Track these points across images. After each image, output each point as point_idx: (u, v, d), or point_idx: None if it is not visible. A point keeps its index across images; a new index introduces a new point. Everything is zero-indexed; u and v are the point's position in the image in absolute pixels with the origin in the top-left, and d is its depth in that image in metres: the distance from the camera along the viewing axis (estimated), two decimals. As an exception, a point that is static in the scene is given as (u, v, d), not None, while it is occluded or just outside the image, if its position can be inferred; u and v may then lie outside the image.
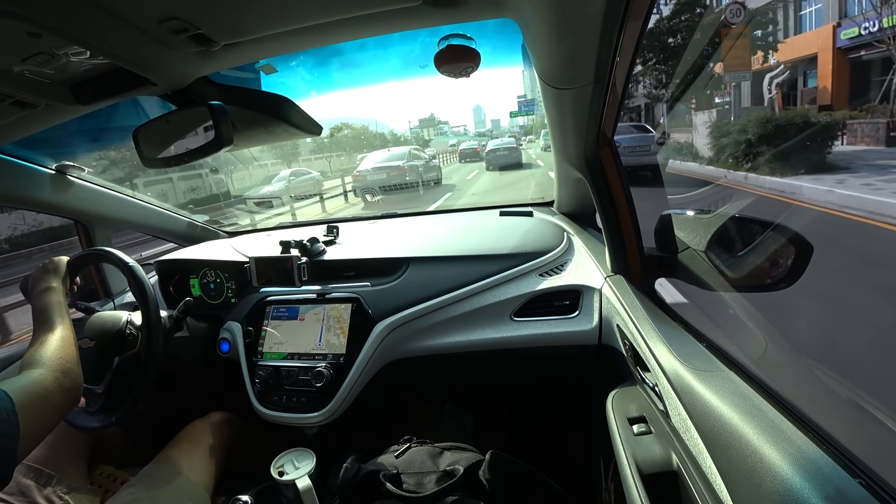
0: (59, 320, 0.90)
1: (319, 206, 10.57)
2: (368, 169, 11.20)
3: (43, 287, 0.97)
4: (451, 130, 65.55)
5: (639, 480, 0.70)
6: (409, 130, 52.73)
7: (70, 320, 0.93)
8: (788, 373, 1.02)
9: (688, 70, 14.76)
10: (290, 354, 1.20)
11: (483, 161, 16.77)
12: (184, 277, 1.49)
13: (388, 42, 0.95)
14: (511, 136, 25.17)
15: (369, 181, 10.82)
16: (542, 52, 0.75)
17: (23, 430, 0.67)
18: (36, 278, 1.00)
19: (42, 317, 0.90)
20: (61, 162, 1.33)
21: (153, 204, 1.66)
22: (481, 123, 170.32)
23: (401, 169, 11.03)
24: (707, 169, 9.49)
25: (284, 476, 0.96)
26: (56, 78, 0.78)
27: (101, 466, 1.21)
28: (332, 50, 0.93)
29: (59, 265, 1.04)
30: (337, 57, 1.58)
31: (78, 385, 0.82)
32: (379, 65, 1.83)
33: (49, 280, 0.99)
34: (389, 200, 10.65)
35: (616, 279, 1.09)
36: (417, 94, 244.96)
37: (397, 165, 11.10)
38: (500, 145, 16.57)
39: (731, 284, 0.86)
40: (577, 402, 1.42)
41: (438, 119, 64.28)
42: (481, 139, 30.42)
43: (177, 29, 0.66)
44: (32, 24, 0.57)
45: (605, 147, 1.01)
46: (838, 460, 0.47)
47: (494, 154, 15.74)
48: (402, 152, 12.22)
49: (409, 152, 12.32)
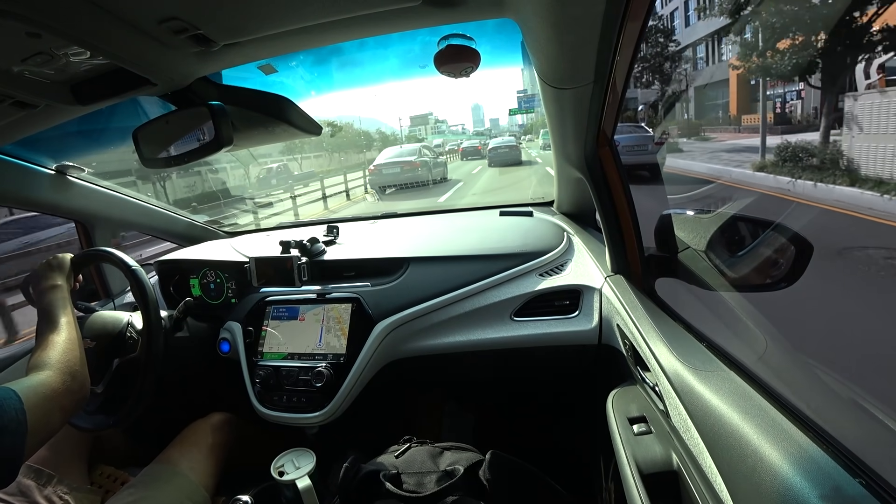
0: (64, 320, 0.90)
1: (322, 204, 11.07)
2: (384, 163, 12.28)
3: (48, 284, 0.97)
4: (448, 129, 65.46)
5: (639, 480, 0.70)
6: (405, 129, 52.73)
7: (75, 320, 0.93)
8: (788, 372, 1.02)
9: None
10: (290, 354, 1.20)
11: (483, 158, 17.66)
12: (184, 277, 1.49)
13: (389, 42, 0.96)
14: (511, 135, 26.08)
15: (385, 174, 12.02)
16: (542, 52, 0.75)
17: (30, 430, 0.67)
18: (39, 275, 1.00)
19: (48, 316, 0.90)
20: (61, 162, 1.33)
21: (153, 204, 1.66)
22: (480, 122, 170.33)
23: (413, 164, 12.03)
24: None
25: (285, 476, 0.96)
26: (56, 78, 0.78)
27: (102, 467, 1.21)
28: (332, 50, 0.93)
29: (63, 262, 1.04)
30: (337, 57, 1.58)
31: (85, 388, 0.83)
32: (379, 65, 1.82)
33: (54, 277, 0.99)
34: (403, 191, 11.71)
35: (616, 279, 1.09)
36: (417, 92, 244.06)
37: (410, 160, 12.13)
38: (502, 143, 17.39)
39: (731, 284, 0.86)
40: (577, 401, 1.42)
41: (436, 118, 64.17)
42: (480, 138, 30.98)
43: (176, 29, 0.66)
44: (32, 24, 0.57)
45: (605, 147, 1.01)
46: (838, 459, 0.47)
47: (496, 152, 16.53)
48: (414, 148, 13.33)
49: (419, 149, 13.34)
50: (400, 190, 11.71)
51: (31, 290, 0.99)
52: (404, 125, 57.71)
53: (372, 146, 31.62)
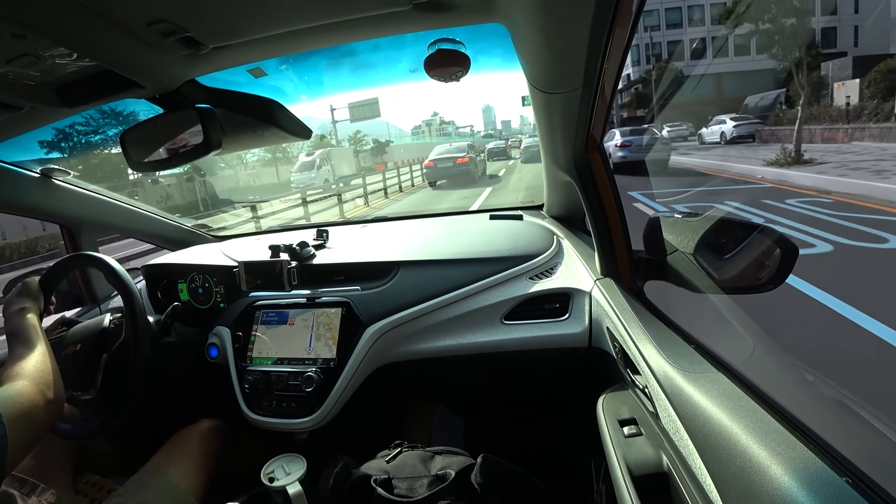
0: (35, 337, 0.91)
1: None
2: (438, 158, 14.43)
3: (16, 309, 0.98)
4: (456, 131, 65.66)
5: (630, 482, 0.70)
6: (412, 130, 53.80)
7: (46, 337, 0.94)
8: (776, 374, 1.03)
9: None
10: (279, 359, 1.19)
11: (510, 159, 22.42)
12: (172, 282, 1.47)
13: (382, 45, 0.96)
14: (531, 136, 29.62)
15: (439, 168, 14.22)
16: (532, 57, 0.75)
17: (10, 441, 0.66)
18: (9, 302, 1.01)
19: (17, 336, 0.91)
20: (46, 165, 1.31)
21: (140, 208, 1.64)
22: (491, 124, 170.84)
23: (464, 159, 14.11)
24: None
25: (275, 482, 0.95)
26: (41, 80, 0.77)
27: (88, 475, 1.19)
28: (323, 53, 0.93)
29: (30, 287, 1.06)
30: (327, 60, 1.58)
31: (61, 397, 0.82)
32: (372, 69, 1.81)
33: (22, 302, 1.01)
34: (453, 183, 13.87)
35: (605, 282, 1.09)
36: (423, 93, 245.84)
37: (461, 156, 14.22)
38: (534, 143, 19.74)
39: (718, 286, 0.87)
40: (568, 404, 1.43)
41: (441, 118, 64.54)
42: (488, 140, 32.45)
43: (165, 32, 0.66)
44: (16, 25, 0.57)
45: (594, 151, 1.02)
46: (825, 459, 0.48)
47: (529, 151, 19.74)
48: (463, 145, 15.71)
49: (467, 145, 15.70)
50: (449, 182, 13.93)
51: (3, 316, 0.99)
52: (409, 124, 59.18)
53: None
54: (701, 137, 18.00)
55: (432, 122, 66.79)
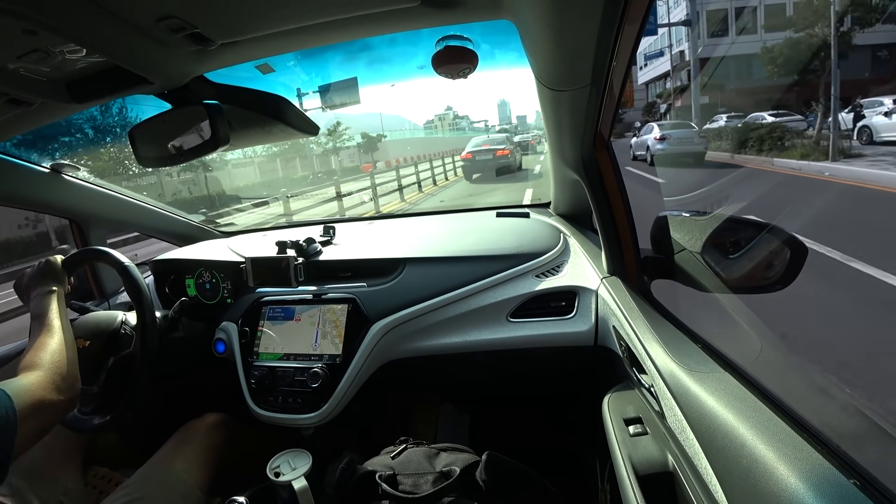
0: (57, 324, 0.89)
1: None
2: (477, 150, 13.90)
3: (42, 290, 0.96)
4: (470, 126, 65.30)
5: (635, 481, 0.70)
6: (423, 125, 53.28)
7: (69, 324, 0.93)
8: (783, 374, 1.02)
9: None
10: (285, 355, 1.19)
11: (536, 154, 21.17)
12: (179, 277, 1.48)
13: (390, 41, 0.96)
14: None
15: (478, 161, 13.67)
16: (539, 54, 0.75)
17: (20, 429, 0.67)
18: (32, 280, 0.99)
19: (41, 320, 0.89)
20: (56, 160, 1.32)
21: (149, 203, 1.65)
22: (507, 119, 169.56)
23: (504, 151, 13.47)
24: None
25: (280, 477, 0.95)
26: (52, 76, 0.77)
27: (96, 468, 1.20)
28: (330, 49, 0.93)
29: (54, 266, 1.03)
30: (335, 56, 1.58)
31: (76, 389, 0.82)
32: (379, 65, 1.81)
33: (46, 282, 0.98)
34: (489, 176, 13.39)
35: (612, 280, 1.09)
36: (436, 88, 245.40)
37: (501, 148, 13.63)
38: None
39: (726, 286, 0.87)
40: (573, 402, 1.42)
41: (455, 113, 64.23)
42: (507, 135, 33.25)
43: (174, 27, 0.66)
44: (28, 21, 0.57)
45: (602, 149, 1.01)
46: (833, 461, 0.48)
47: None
48: (501, 137, 15.50)
49: (505, 138, 15.47)
50: (484, 178, 13.47)
51: (24, 294, 0.98)
52: (428, 119, 58.67)
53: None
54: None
55: (445, 117, 66.40)
